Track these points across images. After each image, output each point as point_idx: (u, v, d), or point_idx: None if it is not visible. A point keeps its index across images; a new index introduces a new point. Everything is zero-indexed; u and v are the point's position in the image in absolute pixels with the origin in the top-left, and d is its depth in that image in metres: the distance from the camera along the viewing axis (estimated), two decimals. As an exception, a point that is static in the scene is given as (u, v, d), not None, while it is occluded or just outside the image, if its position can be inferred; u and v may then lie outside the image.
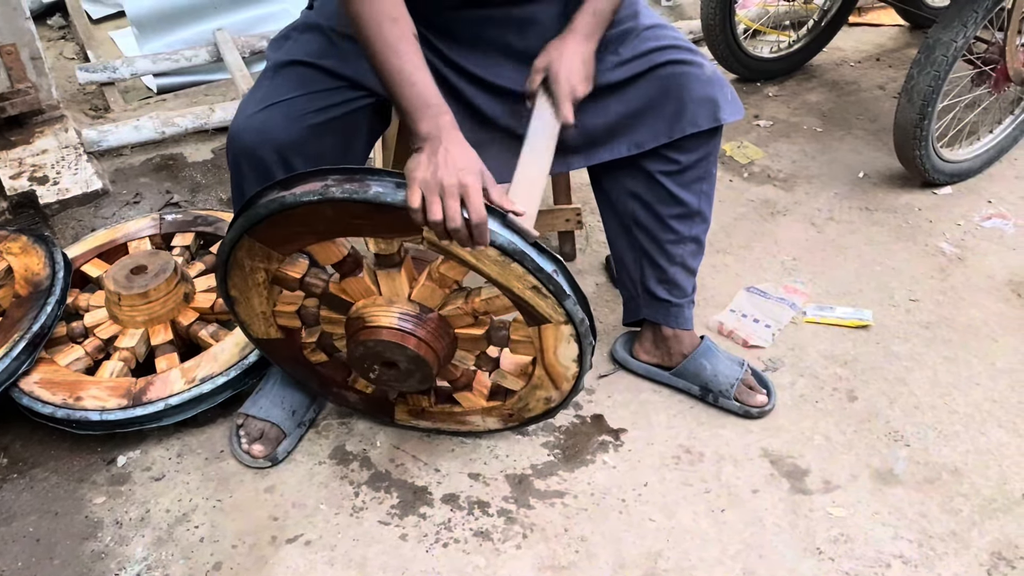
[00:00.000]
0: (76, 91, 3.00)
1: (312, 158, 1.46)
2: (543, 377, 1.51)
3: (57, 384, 1.69)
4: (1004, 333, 1.97)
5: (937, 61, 2.10)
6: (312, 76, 1.46)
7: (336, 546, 1.54)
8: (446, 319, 1.47)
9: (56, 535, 1.57)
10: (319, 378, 1.67)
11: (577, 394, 1.56)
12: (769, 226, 2.32)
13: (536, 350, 1.46)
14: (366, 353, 1.47)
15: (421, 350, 1.43)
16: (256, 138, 1.42)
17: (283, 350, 1.64)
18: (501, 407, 1.61)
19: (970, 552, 1.52)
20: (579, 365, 1.47)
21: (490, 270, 1.33)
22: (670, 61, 1.53)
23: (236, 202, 1.55)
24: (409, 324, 1.44)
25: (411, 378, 1.49)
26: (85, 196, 2.38)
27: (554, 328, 1.41)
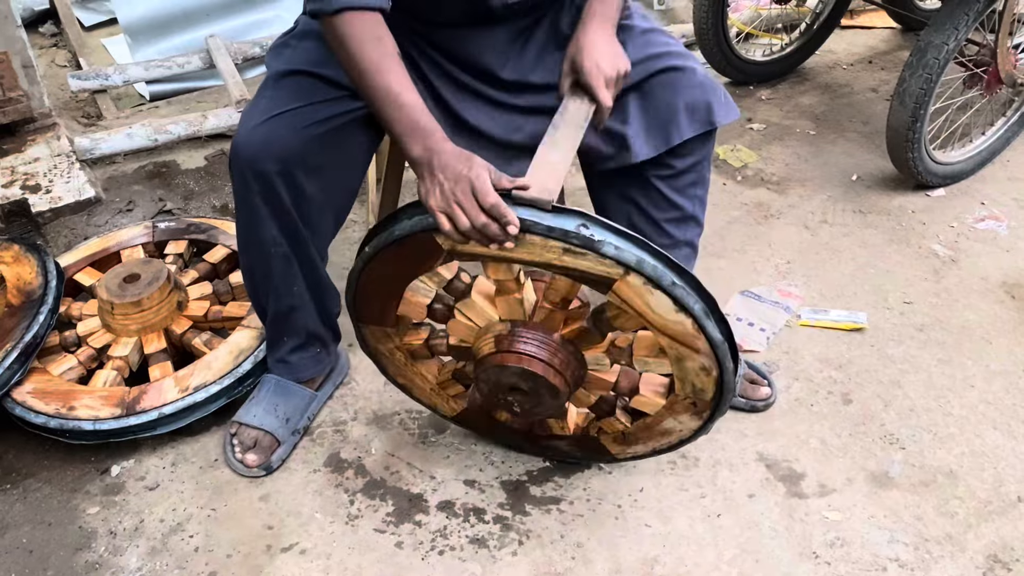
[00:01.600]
0: (68, 99, 3.00)
1: (314, 169, 1.46)
2: (672, 344, 1.32)
3: (50, 394, 1.69)
4: (998, 335, 1.97)
5: (929, 64, 2.11)
6: (313, 86, 1.46)
7: (331, 555, 1.53)
8: (541, 324, 1.41)
9: (49, 546, 1.56)
10: (525, 436, 1.65)
11: (728, 350, 1.31)
12: (763, 229, 2.32)
13: (636, 317, 1.30)
14: (489, 386, 1.46)
15: (523, 363, 1.39)
16: (259, 150, 1.42)
17: (481, 420, 1.65)
18: (679, 400, 1.43)
19: (966, 555, 1.52)
20: (683, 311, 1.26)
21: (520, 255, 1.27)
22: (663, 69, 1.53)
23: (241, 217, 1.54)
24: (505, 342, 1.41)
25: (542, 396, 1.43)
26: (78, 204, 2.37)
27: (624, 284, 1.25)
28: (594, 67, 1.42)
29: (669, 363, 1.35)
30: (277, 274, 1.59)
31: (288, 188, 1.47)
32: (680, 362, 1.34)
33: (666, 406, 1.43)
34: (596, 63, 1.42)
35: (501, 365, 1.40)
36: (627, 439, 1.52)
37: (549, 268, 1.28)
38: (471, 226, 1.22)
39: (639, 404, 1.46)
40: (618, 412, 1.52)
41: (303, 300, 1.63)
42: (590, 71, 1.41)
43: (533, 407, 1.45)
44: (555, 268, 1.28)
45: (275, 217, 1.51)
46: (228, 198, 2.45)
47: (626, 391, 1.46)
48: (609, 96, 1.42)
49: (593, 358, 1.43)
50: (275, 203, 1.49)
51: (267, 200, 1.48)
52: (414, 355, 1.60)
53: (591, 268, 1.25)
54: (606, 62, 1.43)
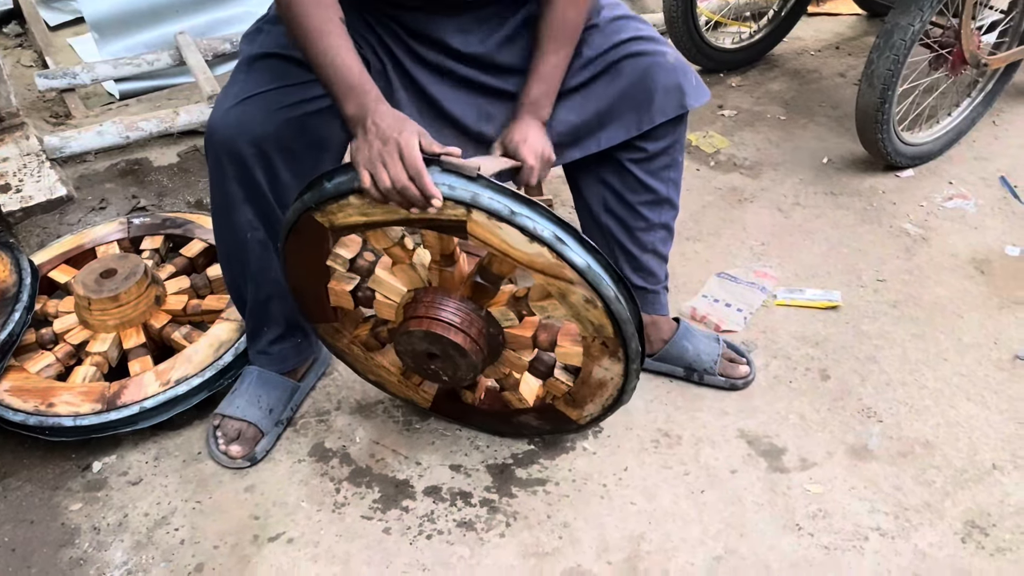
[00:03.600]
0: (36, 99, 2.95)
1: (290, 152, 1.46)
2: (549, 280, 1.31)
3: (28, 391, 1.67)
4: (969, 309, 2.01)
5: (895, 45, 2.15)
6: (286, 69, 1.45)
7: (319, 542, 1.53)
8: (441, 287, 1.44)
9: (32, 544, 1.55)
10: (497, 418, 1.66)
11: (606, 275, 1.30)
12: (737, 213, 2.34)
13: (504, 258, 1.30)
14: (410, 357, 1.49)
15: (424, 326, 1.42)
16: (234, 132, 1.41)
17: (456, 407, 1.68)
18: (590, 343, 1.40)
19: (944, 522, 1.55)
20: (536, 240, 1.25)
21: (379, 216, 1.32)
22: (633, 53, 1.54)
23: (216, 202, 1.54)
24: (409, 310, 1.45)
25: (454, 357, 1.44)
26: (49, 203, 2.33)
27: (473, 224, 1.27)
28: (521, 141, 1.44)
29: (560, 306, 1.36)
30: (254, 261, 1.58)
31: (264, 170, 1.46)
32: (565, 299, 1.34)
33: (586, 354, 1.43)
34: (524, 139, 1.45)
35: (407, 332, 1.44)
36: (575, 400, 1.53)
37: (408, 223, 1.32)
38: (391, 187, 1.23)
39: (563, 357, 1.48)
40: (557, 372, 1.53)
41: (281, 288, 1.63)
42: (518, 143, 1.44)
43: (455, 371, 1.47)
44: (413, 222, 1.31)
45: (250, 201, 1.50)
46: (203, 194, 2.43)
47: (547, 344, 1.48)
48: (533, 159, 1.43)
49: (499, 313, 1.45)
50: (250, 186, 1.48)
51: (242, 183, 1.48)
52: (367, 346, 1.63)
53: (439, 215, 1.28)
54: (533, 142, 1.45)
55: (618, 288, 1.32)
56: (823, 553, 1.50)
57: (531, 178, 1.46)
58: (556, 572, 1.48)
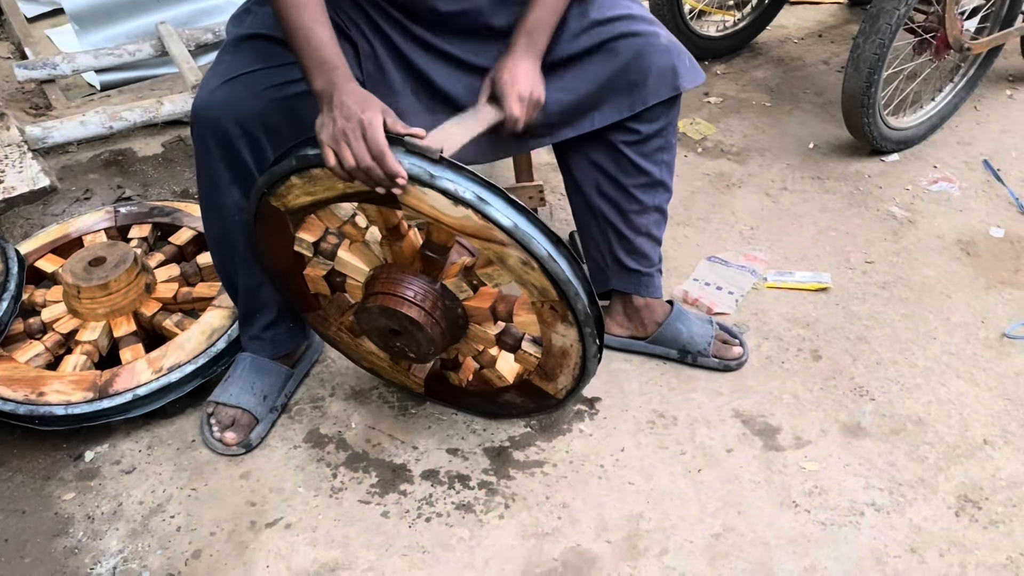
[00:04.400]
0: (14, 91, 2.91)
1: (277, 133, 1.45)
2: (485, 245, 1.31)
3: (17, 380, 1.64)
4: (956, 289, 2.03)
5: (881, 29, 2.16)
6: (273, 50, 1.44)
7: (317, 527, 1.53)
8: (395, 264, 1.45)
9: (25, 533, 1.53)
10: (484, 398, 1.66)
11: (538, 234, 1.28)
12: (725, 198, 2.35)
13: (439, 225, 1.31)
14: (374, 335, 1.49)
15: (378, 301, 1.42)
16: (220, 112, 1.40)
17: (446, 389, 1.68)
18: (540, 309, 1.39)
19: (938, 496, 1.57)
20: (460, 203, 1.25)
21: (321, 193, 1.33)
22: (627, 33, 1.54)
23: (202, 185, 1.53)
24: (367, 289, 1.46)
25: (412, 332, 1.43)
26: (32, 194, 2.30)
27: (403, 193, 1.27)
28: (509, 82, 1.41)
29: (503, 271, 1.35)
30: (242, 244, 1.57)
31: (251, 151, 1.46)
32: (504, 263, 1.32)
33: (541, 321, 1.41)
34: (513, 80, 1.42)
35: (365, 309, 1.45)
36: (547, 373, 1.52)
37: (347, 198, 1.33)
38: (356, 166, 1.23)
39: (521, 326, 1.47)
40: (525, 344, 1.52)
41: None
42: (505, 84, 1.41)
43: (417, 346, 1.46)
44: (351, 196, 1.32)
45: (237, 182, 1.49)
46: (189, 183, 2.41)
47: (505, 314, 1.47)
48: (518, 108, 1.41)
49: (454, 285, 1.44)
50: (237, 167, 1.47)
51: (228, 164, 1.47)
52: (353, 332, 1.63)
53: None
54: (522, 82, 1.42)
55: (555, 248, 1.29)
56: (820, 529, 1.52)
57: (516, 127, 1.43)
58: (556, 552, 1.48)
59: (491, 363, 1.58)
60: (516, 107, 1.39)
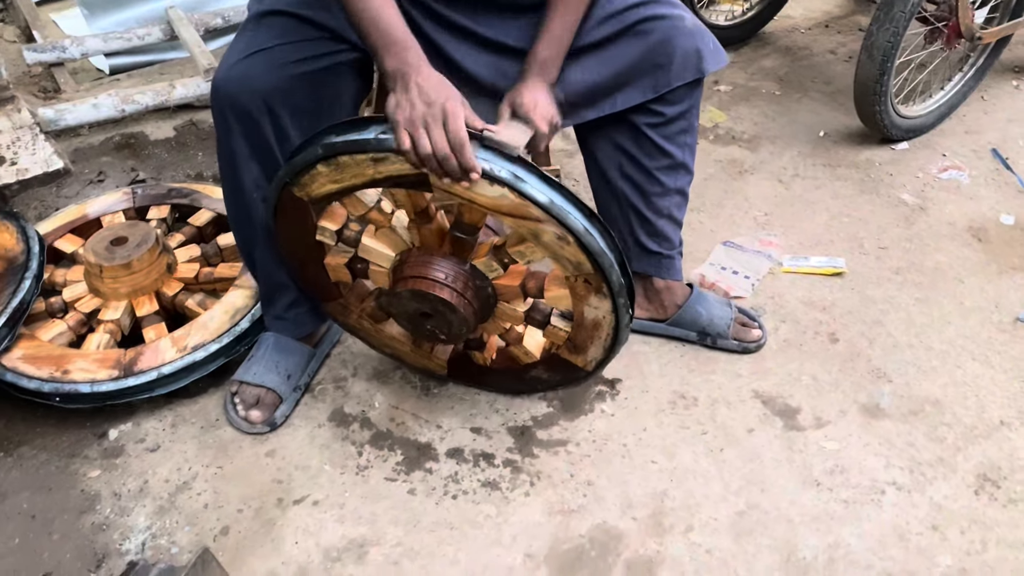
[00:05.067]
0: (21, 74, 2.89)
1: (297, 110, 1.45)
2: (519, 223, 1.31)
3: (42, 359, 1.64)
4: (969, 275, 2.05)
5: (895, 17, 2.18)
6: (294, 26, 1.44)
7: (344, 504, 1.53)
8: (424, 247, 1.46)
9: (52, 511, 1.53)
10: (511, 376, 1.66)
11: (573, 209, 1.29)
12: (738, 184, 2.37)
13: (472, 205, 1.32)
14: (405, 319, 1.50)
15: (409, 285, 1.43)
16: (239, 87, 1.40)
17: (471, 369, 1.69)
18: (574, 283, 1.40)
19: (957, 475, 1.59)
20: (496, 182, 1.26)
21: (349, 180, 1.34)
22: (652, 17, 1.54)
23: (223, 162, 1.53)
24: (396, 273, 1.47)
25: (444, 313, 1.44)
26: (46, 176, 2.29)
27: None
28: (531, 105, 1.40)
29: (537, 248, 1.36)
30: (261, 223, 1.57)
31: (272, 126, 1.45)
32: (539, 239, 1.33)
33: (574, 295, 1.42)
34: (535, 103, 1.40)
35: (395, 294, 1.45)
36: (577, 346, 1.52)
37: (376, 184, 1.33)
38: (431, 153, 1.22)
39: (552, 301, 1.47)
40: (554, 319, 1.53)
41: None
42: (528, 107, 1.39)
43: (449, 328, 1.47)
44: (380, 182, 1.32)
45: (257, 159, 1.49)
46: (202, 167, 2.41)
47: (535, 291, 1.48)
48: (545, 126, 1.39)
49: (483, 265, 1.45)
50: (257, 143, 1.47)
51: (248, 140, 1.46)
52: (375, 319, 1.64)
53: (401, 170, 1.29)
54: (543, 106, 1.41)
55: (589, 222, 1.30)
56: (843, 507, 1.53)
57: (542, 144, 1.44)
58: (583, 528, 1.50)
59: (517, 340, 1.59)
60: (544, 125, 1.39)
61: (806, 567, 1.44)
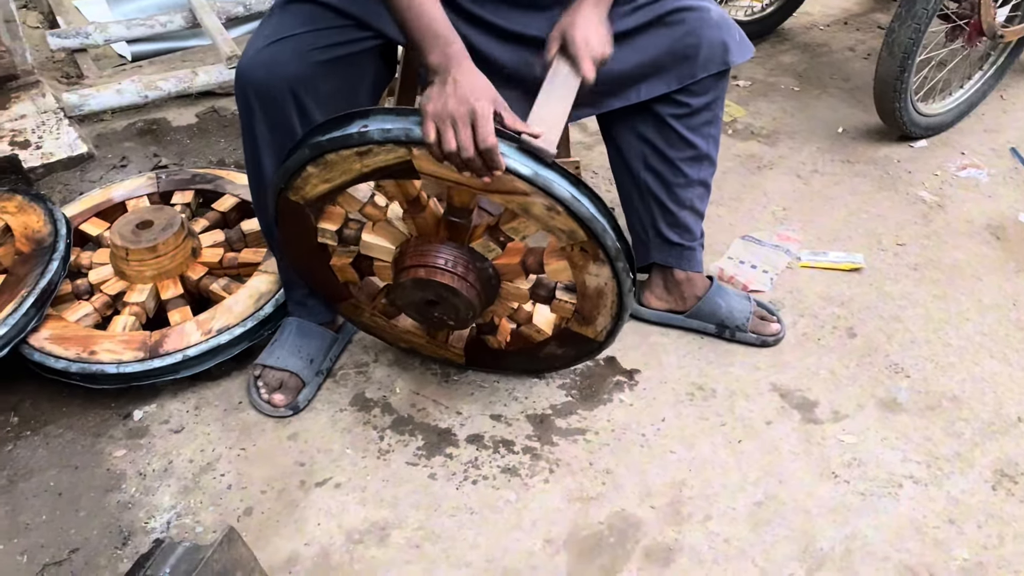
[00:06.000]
0: (44, 60, 2.92)
1: (322, 97, 1.46)
2: (508, 199, 1.33)
3: (68, 339, 1.67)
4: (987, 272, 2.06)
5: (917, 14, 2.18)
6: (319, 13, 1.46)
7: (366, 487, 1.55)
8: (421, 237, 1.47)
9: (79, 488, 1.55)
10: (526, 356, 1.68)
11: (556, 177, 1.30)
12: (757, 179, 2.38)
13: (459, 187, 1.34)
14: (412, 309, 1.51)
15: (411, 275, 1.44)
16: (264, 72, 1.42)
17: (488, 355, 1.70)
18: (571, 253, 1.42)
19: (975, 470, 1.60)
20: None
21: (339, 177, 1.36)
22: (680, 8, 1.56)
23: (246, 146, 1.54)
24: (397, 266, 1.48)
25: (449, 299, 1.45)
26: (70, 160, 2.32)
27: (418, 160, 1.30)
28: (583, 42, 1.40)
29: (530, 221, 1.37)
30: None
31: (297, 112, 1.46)
32: (529, 212, 1.34)
33: (573, 265, 1.43)
34: (586, 38, 1.41)
35: (399, 285, 1.47)
36: (585, 317, 1.54)
37: (364, 178, 1.35)
38: (455, 152, 1.23)
39: (553, 274, 1.48)
40: (559, 293, 1.55)
41: None
42: (579, 44, 1.40)
43: (456, 313, 1.48)
44: (368, 175, 1.34)
45: (280, 144, 1.50)
46: (223, 153, 2.43)
47: (536, 266, 1.49)
48: (592, 71, 1.40)
49: (481, 246, 1.46)
50: (281, 128, 1.48)
51: (272, 126, 1.48)
52: (387, 315, 1.66)
53: (386, 160, 1.31)
54: (595, 40, 1.42)
55: (576, 188, 1.31)
56: (860, 499, 1.54)
57: (586, 88, 1.42)
58: (602, 515, 1.51)
59: (527, 319, 1.60)
60: (590, 70, 1.39)
61: (823, 557, 1.45)
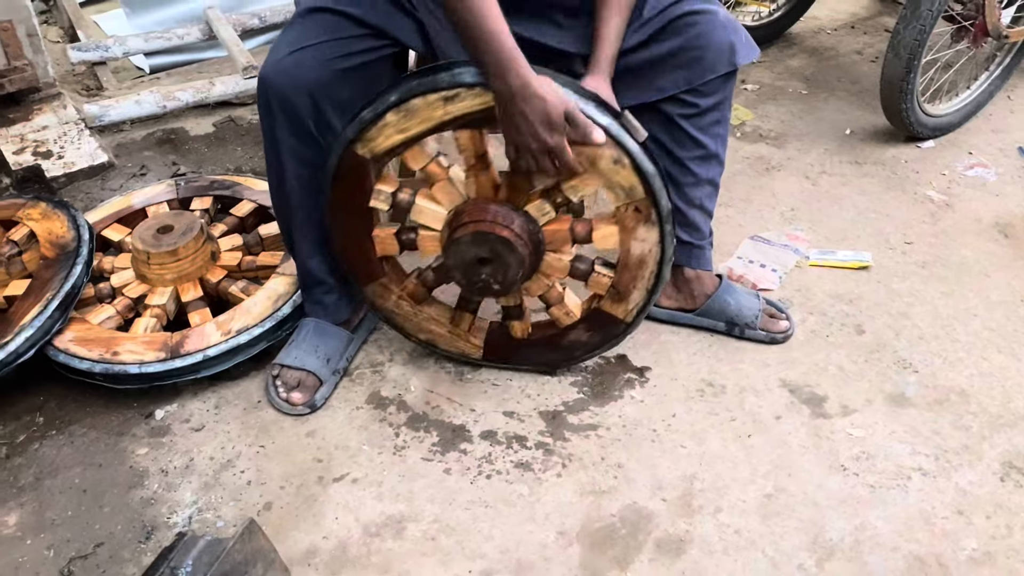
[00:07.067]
0: (65, 73, 2.98)
1: (340, 104, 1.52)
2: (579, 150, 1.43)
3: (92, 341, 1.71)
4: (995, 270, 2.08)
5: (922, 15, 2.21)
6: (340, 23, 1.51)
7: (383, 482, 1.58)
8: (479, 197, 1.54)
9: (102, 485, 1.59)
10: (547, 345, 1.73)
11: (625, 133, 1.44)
12: (765, 180, 2.40)
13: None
14: (461, 272, 1.57)
15: (470, 229, 1.50)
16: (287, 79, 1.47)
17: (507, 346, 1.75)
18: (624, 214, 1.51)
19: (983, 463, 1.62)
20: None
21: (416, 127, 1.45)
22: (688, 12, 1.59)
23: (268, 151, 1.59)
24: (454, 224, 1.54)
25: (503, 255, 1.51)
26: (92, 169, 2.38)
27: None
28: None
29: (591, 177, 1.46)
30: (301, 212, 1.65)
31: (316, 120, 1.52)
32: (595, 165, 1.44)
33: (623, 228, 1.51)
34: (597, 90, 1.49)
35: (455, 241, 1.52)
36: (620, 292, 1.59)
37: (444, 127, 1.44)
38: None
39: (600, 241, 1.54)
40: (597, 267, 1.61)
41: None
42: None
43: (505, 272, 1.53)
44: (448, 123, 1.44)
45: (301, 152, 1.56)
46: (240, 161, 2.48)
47: (584, 233, 1.55)
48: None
49: (536, 209, 1.53)
50: (301, 134, 1.54)
51: (292, 131, 1.54)
52: (416, 298, 1.70)
53: (471, 106, 1.41)
54: (611, 99, 1.51)
55: (640, 147, 1.44)
56: (869, 491, 1.56)
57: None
58: (614, 508, 1.54)
59: (559, 299, 1.64)
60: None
61: (833, 548, 1.47)
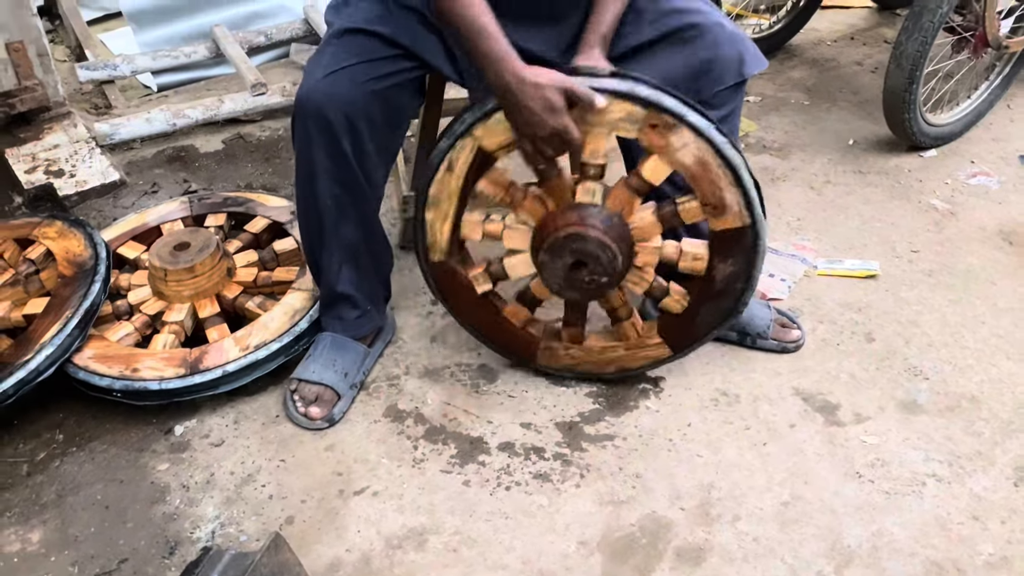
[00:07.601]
0: (73, 91, 3.00)
1: (373, 124, 1.55)
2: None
3: (111, 358, 1.72)
4: (1001, 277, 2.10)
5: (924, 27, 2.24)
6: (372, 45, 1.54)
7: (403, 495, 1.60)
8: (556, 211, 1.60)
9: (124, 501, 1.60)
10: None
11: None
12: (770, 191, 2.43)
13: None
14: (558, 271, 1.61)
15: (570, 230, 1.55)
16: (325, 101, 1.49)
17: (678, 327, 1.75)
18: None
19: (996, 468, 1.64)
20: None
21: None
22: (694, 24, 1.62)
23: (300, 170, 1.61)
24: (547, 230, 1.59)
25: (599, 258, 1.56)
26: (103, 187, 2.40)
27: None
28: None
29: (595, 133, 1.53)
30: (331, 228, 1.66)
31: (352, 141, 1.54)
32: (591, 122, 1.51)
33: (660, 151, 1.56)
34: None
35: (551, 250, 1.58)
36: (715, 205, 1.60)
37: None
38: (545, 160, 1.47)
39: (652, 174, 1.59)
40: (678, 199, 1.63)
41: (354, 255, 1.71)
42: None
43: (603, 267, 1.57)
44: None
45: (336, 171, 1.58)
46: (250, 178, 2.50)
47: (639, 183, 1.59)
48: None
49: (585, 194, 1.58)
50: (337, 156, 1.56)
51: (329, 153, 1.56)
52: (575, 341, 1.76)
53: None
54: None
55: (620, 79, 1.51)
56: (884, 498, 1.58)
57: None
58: (633, 518, 1.55)
59: (679, 254, 1.64)
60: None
61: (850, 554, 1.49)
